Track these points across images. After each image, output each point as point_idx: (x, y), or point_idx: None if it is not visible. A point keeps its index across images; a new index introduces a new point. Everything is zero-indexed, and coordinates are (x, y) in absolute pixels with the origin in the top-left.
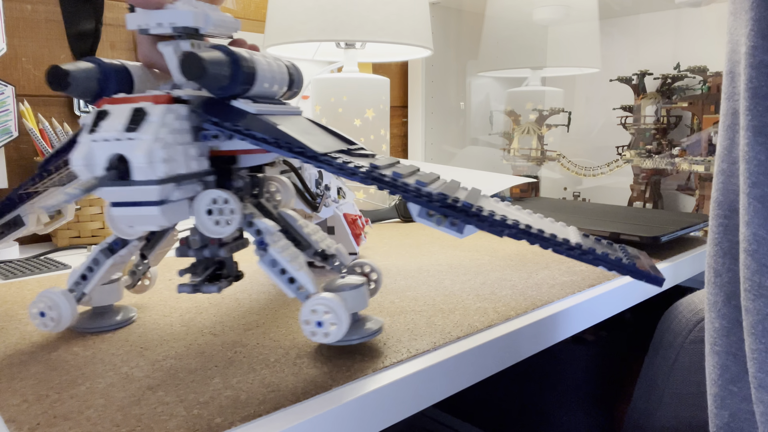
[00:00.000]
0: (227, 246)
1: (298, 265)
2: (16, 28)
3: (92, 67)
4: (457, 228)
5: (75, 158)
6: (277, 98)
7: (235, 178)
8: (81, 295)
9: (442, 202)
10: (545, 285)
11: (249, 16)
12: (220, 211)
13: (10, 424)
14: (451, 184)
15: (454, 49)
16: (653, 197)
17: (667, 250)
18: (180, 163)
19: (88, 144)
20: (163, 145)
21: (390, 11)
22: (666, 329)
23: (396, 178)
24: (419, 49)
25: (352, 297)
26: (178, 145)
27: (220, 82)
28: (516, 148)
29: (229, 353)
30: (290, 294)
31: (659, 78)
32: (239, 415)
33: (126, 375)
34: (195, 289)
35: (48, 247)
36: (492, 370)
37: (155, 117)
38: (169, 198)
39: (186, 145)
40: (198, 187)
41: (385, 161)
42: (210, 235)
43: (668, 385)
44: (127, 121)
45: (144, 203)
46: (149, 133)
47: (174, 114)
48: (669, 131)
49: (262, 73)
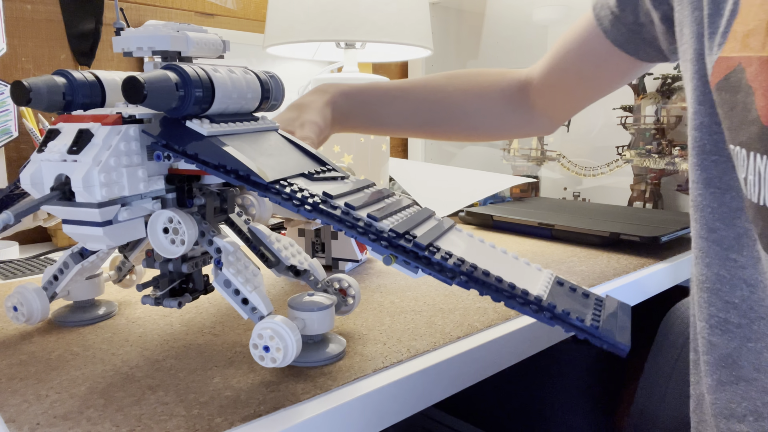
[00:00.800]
0: (191, 261)
1: (252, 286)
2: (16, 28)
3: (56, 81)
4: (410, 268)
5: (23, 177)
6: (250, 113)
7: (198, 195)
8: (53, 293)
9: (390, 241)
10: None
11: (249, 16)
12: (175, 230)
13: (10, 424)
14: (416, 215)
15: (454, 49)
16: (653, 197)
17: (667, 250)
18: (124, 186)
19: (37, 163)
20: (103, 168)
21: (390, 11)
22: (669, 329)
23: (347, 211)
24: (419, 49)
25: (316, 318)
26: (123, 167)
27: (167, 104)
28: (516, 148)
29: (229, 353)
30: (244, 315)
31: (659, 78)
32: (239, 415)
33: (126, 375)
34: (156, 302)
35: (48, 247)
36: (492, 370)
37: (98, 139)
38: (115, 219)
39: (134, 167)
40: (154, 205)
41: (347, 188)
42: (164, 254)
43: (670, 384)
44: (71, 143)
45: (88, 223)
46: (89, 156)
47: (121, 135)
48: (669, 131)
49: (224, 90)
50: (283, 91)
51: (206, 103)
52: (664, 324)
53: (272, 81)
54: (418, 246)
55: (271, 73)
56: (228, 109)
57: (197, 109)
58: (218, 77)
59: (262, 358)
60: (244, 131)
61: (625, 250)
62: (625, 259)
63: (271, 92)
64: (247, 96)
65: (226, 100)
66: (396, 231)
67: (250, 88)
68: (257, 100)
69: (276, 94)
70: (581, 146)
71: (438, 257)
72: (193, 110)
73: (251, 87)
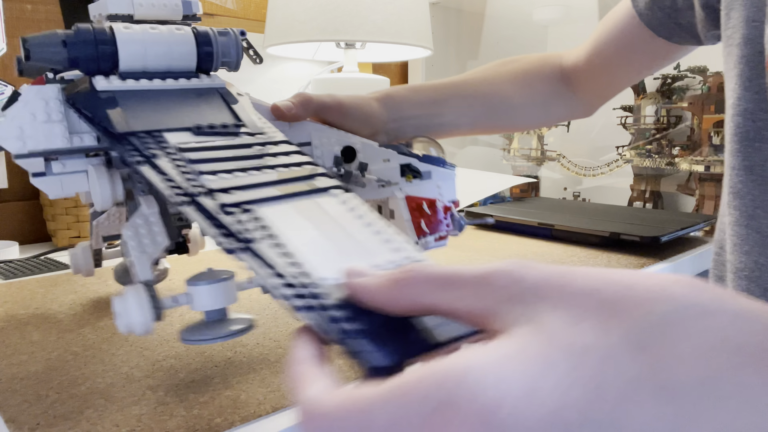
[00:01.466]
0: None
1: (140, 251)
2: (16, 28)
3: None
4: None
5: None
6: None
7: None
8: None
9: (193, 197)
10: None
11: (249, 16)
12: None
13: (10, 424)
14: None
15: (454, 49)
16: (653, 197)
17: (667, 250)
18: (39, 140)
19: None
20: (15, 123)
21: (390, 11)
22: None
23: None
24: (419, 49)
25: (208, 292)
26: (43, 123)
27: (55, 61)
28: (516, 148)
29: (229, 353)
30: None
31: (659, 78)
32: (239, 415)
33: (126, 375)
34: None
35: (48, 247)
36: None
37: (22, 98)
38: (49, 171)
39: (52, 123)
40: (93, 161)
41: (218, 143)
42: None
43: None
44: (5, 102)
45: (33, 174)
46: (8, 114)
47: (41, 95)
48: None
49: (131, 47)
50: (239, 49)
51: (109, 60)
52: None
53: (219, 38)
54: (219, 206)
55: (226, 29)
56: (149, 66)
57: (105, 65)
58: (125, 33)
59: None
60: (167, 88)
61: (625, 250)
62: (625, 259)
63: (214, 49)
64: (173, 53)
65: (139, 57)
66: (210, 188)
67: (177, 45)
68: (193, 58)
69: (225, 51)
70: (581, 146)
71: (230, 220)
72: (98, 66)
73: (178, 44)
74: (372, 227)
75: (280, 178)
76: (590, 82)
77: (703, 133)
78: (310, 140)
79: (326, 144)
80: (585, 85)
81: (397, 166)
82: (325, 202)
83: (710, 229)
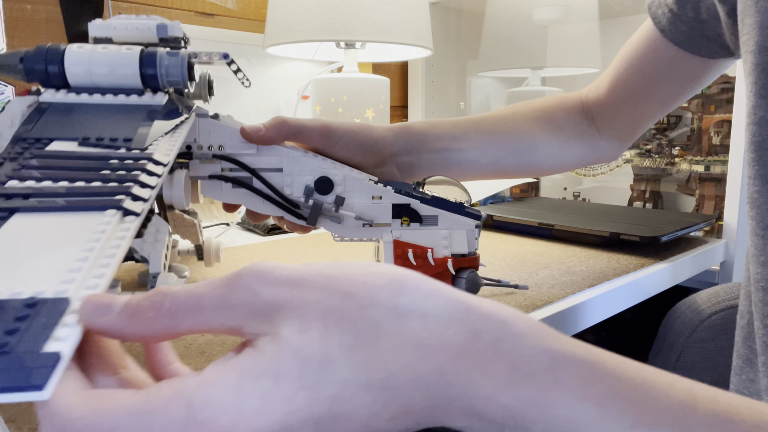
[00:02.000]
0: None
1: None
2: (16, 28)
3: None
4: None
5: None
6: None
7: None
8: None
9: None
10: (545, 285)
11: (249, 16)
12: None
13: (10, 424)
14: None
15: (454, 49)
16: (653, 197)
17: (667, 250)
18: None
19: None
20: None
21: (390, 11)
22: (669, 329)
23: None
24: (419, 49)
25: None
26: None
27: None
28: None
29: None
30: None
31: None
32: None
33: None
34: None
35: None
36: None
37: (7, 107)
38: None
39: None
40: None
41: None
42: None
43: None
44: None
45: None
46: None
47: (20, 103)
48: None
49: (77, 66)
50: (184, 69)
51: (58, 76)
52: (664, 324)
53: (167, 58)
54: None
55: (176, 51)
56: (97, 82)
57: (56, 80)
58: (73, 54)
59: None
60: (101, 103)
61: (625, 250)
62: (625, 259)
63: (158, 70)
64: (116, 72)
65: (85, 75)
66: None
67: (119, 66)
68: (137, 76)
69: (172, 71)
70: None
71: None
72: (50, 81)
73: (121, 64)
74: (70, 257)
75: (69, 189)
76: (615, 116)
77: (703, 133)
78: (281, 167)
79: (298, 172)
80: (609, 120)
81: (388, 206)
82: (77, 221)
83: (710, 229)
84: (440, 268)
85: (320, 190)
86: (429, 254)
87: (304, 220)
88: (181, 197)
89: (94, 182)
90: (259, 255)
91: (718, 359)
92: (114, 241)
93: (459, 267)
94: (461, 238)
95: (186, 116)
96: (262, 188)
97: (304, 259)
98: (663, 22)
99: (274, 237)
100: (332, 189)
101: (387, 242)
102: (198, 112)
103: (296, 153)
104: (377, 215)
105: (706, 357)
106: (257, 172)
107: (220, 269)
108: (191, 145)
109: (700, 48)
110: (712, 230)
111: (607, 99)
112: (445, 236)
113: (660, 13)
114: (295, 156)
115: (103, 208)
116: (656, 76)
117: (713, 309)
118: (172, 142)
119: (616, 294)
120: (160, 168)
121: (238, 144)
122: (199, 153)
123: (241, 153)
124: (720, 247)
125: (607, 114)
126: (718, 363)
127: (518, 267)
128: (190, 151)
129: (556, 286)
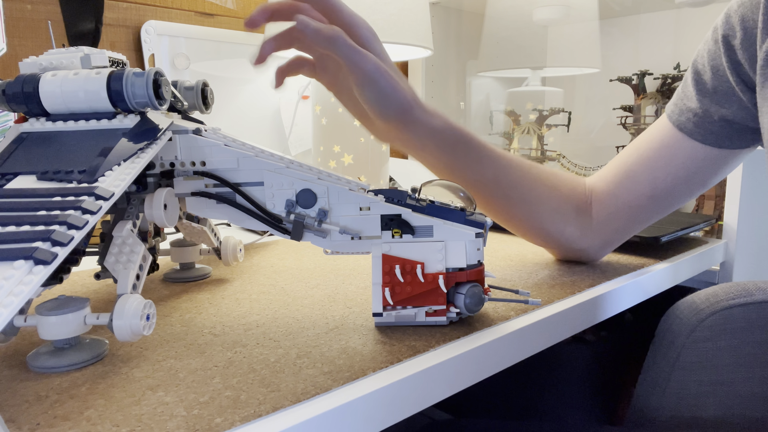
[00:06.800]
0: None
1: None
2: (16, 28)
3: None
4: None
5: None
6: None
7: None
8: None
9: None
10: (545, 285)
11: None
12: None
13: (10, 424)
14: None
15: (454, 49)
16: None
17: (667, 250)
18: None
19: None
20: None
21: (390, 11)
22: (667, 329)
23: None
24: (419, 49)
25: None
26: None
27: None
28: (516, 148)
29: (229, 353)
30: None
31: (659, 78)
32: (239, 415)
33: (126, 375)
34: None
35: None
36: (492, 370)
37: (6, 134)
38: None
39: None
40: None
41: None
42: None
43: (669, 384)
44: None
45: None
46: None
47: (13, 131)
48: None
49: (50, 94)
50: (149, 90)
51: (35, 104)
52: (664, 324)
53: (129, 78)
54: None
55: (142, 72)
56: (72, 108)
57: (35, 108)
58: (46, 81)
59: None
60: (73, 130)
61: (625, 250)
62: (625, 259)
63: (125, 90)
64: (88, 97)
65: (59, 101)
66: None
67: (88, 90)
68: (105, 99)
69: (135, 92)
70: (581, 146)
71: None
72: (29, 109)
73: (89, 89)
74: None
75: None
76: (612, 208)
77: None
78: (262, 180)
79: (279, 185)
80: (605, 211)
81: (377, 217)
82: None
83: (710, 230)
84: (431, 285)
85: (303, 204)
86: (418, 270)
87: (288, 234)
88: (161, 216)
89: (24, 226)
90: (259, 254)
91: (717, 359)
92: (8, 298)
93: (458, 282)
94: (458, 250)
95: (155, 138)
96: (244, 203)
97: (304, 259)
98: (689, 127)
99: (275, 237)
100: (315, 202)
101: (376, 257)
102: (176, 129)
103: (278, 166)
104: (365, 228)
105: (705, 357)
106: (238, 188)
107: (241, 267)
108: (174, 162)
109: (732, 141)
110: (712, 230)
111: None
112: (439, 249)
113: (683, 119)
114: (278, 170)
115: (14, 258)
116: (683, 173)
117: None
118: (128, 170)
119: (616, 294)
120: (100, 203)
121: (219, 160)
122: (182, 170)
123: (222, 168)
124: (720, 248)
125: (604, 204)
126: (717, 363)
127: (518, 267)
128: (173, 168)
129: (556, 286)
